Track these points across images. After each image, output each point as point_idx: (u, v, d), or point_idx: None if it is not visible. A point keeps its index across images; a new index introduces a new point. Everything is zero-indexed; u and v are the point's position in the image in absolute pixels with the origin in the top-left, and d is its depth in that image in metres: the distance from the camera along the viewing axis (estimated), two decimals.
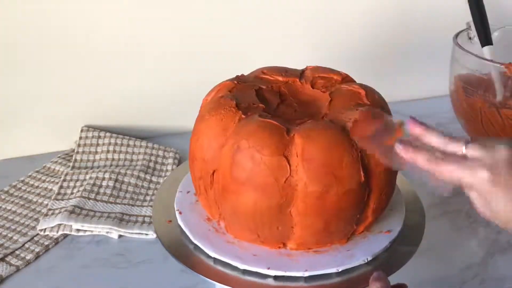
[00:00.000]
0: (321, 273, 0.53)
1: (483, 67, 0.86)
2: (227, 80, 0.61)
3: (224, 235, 0.56)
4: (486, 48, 0.88)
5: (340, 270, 0.53)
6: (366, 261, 0.54)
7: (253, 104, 0.56)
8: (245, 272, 0.53)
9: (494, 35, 0.90)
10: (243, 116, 0.53)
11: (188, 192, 0.61)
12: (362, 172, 0.52)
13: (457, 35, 0.90)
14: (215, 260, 0.54)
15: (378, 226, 0.58)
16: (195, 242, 0.55)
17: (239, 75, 0.62)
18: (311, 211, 0.51)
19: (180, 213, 0.59)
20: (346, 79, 0.63)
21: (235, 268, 0.53)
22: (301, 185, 0.50)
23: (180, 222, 0.58)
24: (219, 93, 0.58)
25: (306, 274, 0.52)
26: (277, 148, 0.50)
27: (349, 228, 0.55)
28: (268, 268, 0.52)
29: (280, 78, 0.62)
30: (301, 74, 0.63)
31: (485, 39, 0.88)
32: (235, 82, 0.59)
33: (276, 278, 0.52)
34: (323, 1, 0.95)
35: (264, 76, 0.62)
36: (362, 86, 0.60)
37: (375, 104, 0.57)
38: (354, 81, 0.62)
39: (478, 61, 0.85)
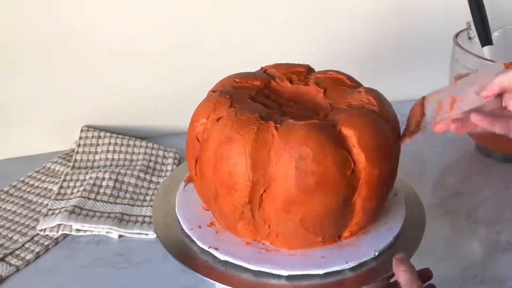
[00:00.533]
0: (387, 247, 0.55)
1: (483, 67, 0.86)
2: (212, 98, 0.57)
3: (278, 252, 0.54)
4: (486, 48, 0.88)
5: (396, 240, 0.56)
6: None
7: (268, 113, 0.55)
8: (324, 275, 0.53)
9: (494, 35, 0.90)
10: (277, 125, 0.52)
11: (199, 226, 0.58)
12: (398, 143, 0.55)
13: (457, 35, 0.90)
14: (289, 276, 0.52)
15: (363, 239, 0.58)
16: (256, 268, 0.53)
17: (212, 89, 0.60)
18: (372, 194, 0.53)
19: (216, 249, 0.54)
20: (310, 70, 0.64)
21: (313, 276, 0.52)
22: (364, 172, 0.51)
23: (226, 258, 0.54)
24: (220, 113, 0.55)
25: (377, 253, 0.54)
26: (337, 144, 0.50)
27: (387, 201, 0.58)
28: (347, 262, 0.53)
29: (257, 83, 0.60)
30: (268, 74, 0.63)
31: (485, 39, 0.88)
32: (228, 96, 0.56)
33: (352, 269, 0.53)
34: (322, 1, 0.95)
35: (240, 84, 0.60)
36: (336, 71, 0.61)
37: (359, 84, 0.60)
38: (314, 70, 0.64)
39: (478, 61, 0.85)
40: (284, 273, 0.52)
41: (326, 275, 0.52)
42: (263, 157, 0.51)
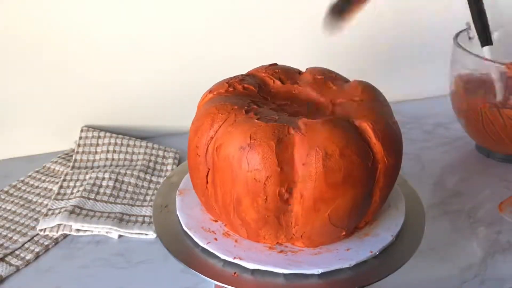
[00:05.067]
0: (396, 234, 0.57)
1: (483, 67, 0.87)
2: (215, 104, 0.55)
3: (302, 252, 0.54)
4: (486, 48, 0.88)
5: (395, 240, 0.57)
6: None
7: (279, 115, 0.54)
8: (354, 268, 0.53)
9: (494, 35, 0.90)
10: (296, 126, 0.51)
11: (202, 227, 0.57)
12: None
13: (457, 35, 0.90)
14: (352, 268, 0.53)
15: (377, 225, 0.58)
16: (288, 272, 0.52)
17: (208, 94, 0.59)
18: (387, 182, 0.54)
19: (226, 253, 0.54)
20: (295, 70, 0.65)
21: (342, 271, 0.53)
22: (382, 162, 0.52)
23: (250, 265, 0.53)
24: (231, 119, 0.53)
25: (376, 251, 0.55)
26: (357, 137, 0.51)
27: None
28: (371, 252, 0.55)
29: (250, 87, 0.59)
30: (257, 77, 0.62)
31: (485, 39, 0.88)
32: (234, 101, 0.55)
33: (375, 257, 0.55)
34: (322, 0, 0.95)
35: (234, 89, 0.58)
36: (321, 68, 0.63)
37: (347, 79, 0.62)
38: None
39: (478, 61, 0.85)
40: (351, 263, 0.53)
41: (355, 267, 0.53)
42: (287, 160, 0.50)
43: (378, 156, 0.52)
